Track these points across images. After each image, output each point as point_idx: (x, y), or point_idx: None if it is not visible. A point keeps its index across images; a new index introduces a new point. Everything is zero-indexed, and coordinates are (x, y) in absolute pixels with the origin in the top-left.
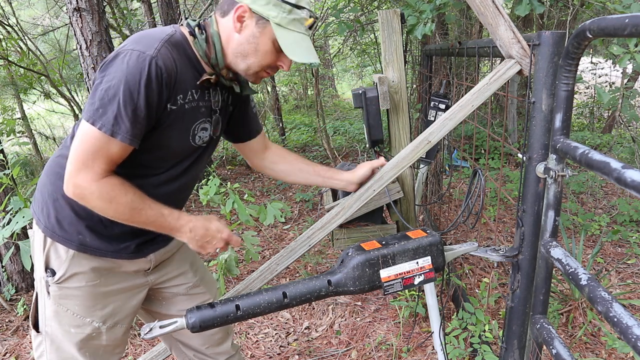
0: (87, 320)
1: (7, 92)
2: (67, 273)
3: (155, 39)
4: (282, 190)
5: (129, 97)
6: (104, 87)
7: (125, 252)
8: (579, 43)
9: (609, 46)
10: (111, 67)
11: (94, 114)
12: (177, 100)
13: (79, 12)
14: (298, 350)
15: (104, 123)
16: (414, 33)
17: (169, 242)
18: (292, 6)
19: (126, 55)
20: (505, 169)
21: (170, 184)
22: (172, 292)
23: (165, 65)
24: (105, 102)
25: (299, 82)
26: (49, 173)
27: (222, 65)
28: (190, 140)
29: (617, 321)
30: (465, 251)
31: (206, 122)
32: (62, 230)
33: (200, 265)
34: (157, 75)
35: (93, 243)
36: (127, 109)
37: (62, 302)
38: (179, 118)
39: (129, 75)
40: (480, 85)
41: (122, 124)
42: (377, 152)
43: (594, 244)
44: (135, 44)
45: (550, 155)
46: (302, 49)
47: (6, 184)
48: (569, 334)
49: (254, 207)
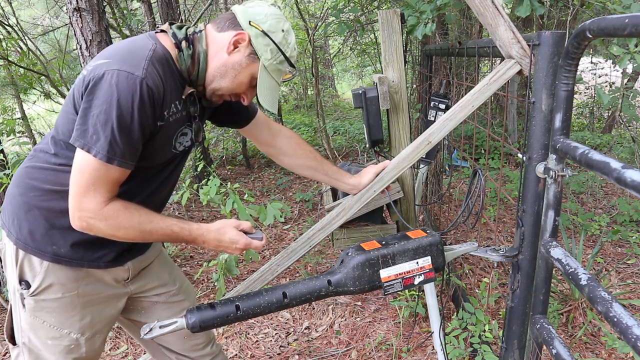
0: (64, 332)
1: (7, 92)
2: (42, 285)
3: (140, 57)
4: (282, 190)
5: (122, 122)
6: (94, 113)
7: (102, 261)
8: (579, 43)
9: (609, 46)
10: (99, 89)
11: (89, 140)
12: (164, 116)
13: (79, 12)
14: (298, 350)
15: (99, 150)
16: (414, 33)
17: (146, 250)
18: (285, 59)
19: (113, 76)
20: (505, 169)
21: (153, 187)
22: (152, 301)
23: (155, 85)
24: (98, 128)
25: (299, 82)
26: (18, 184)
27: (200, 82)
28: (171, 149)
29: (617, 321)
30: (465, 251)
31: (186, 127)
32: (35, 242)
33: (179, 273)
34: (149, 97)
35: (68, 253)
36: (121, 134)
37: (38, 315)
38: (164, 131)
39: (121, 100)
40: (480, 86)
41: (117, 149)
42: (377, 152)
43: (594, 244)
44: (121, 63)
45: (550, 155)
46: (271, 97)
47: (6, 184)
48: (569, 334)
49: (254, 207)
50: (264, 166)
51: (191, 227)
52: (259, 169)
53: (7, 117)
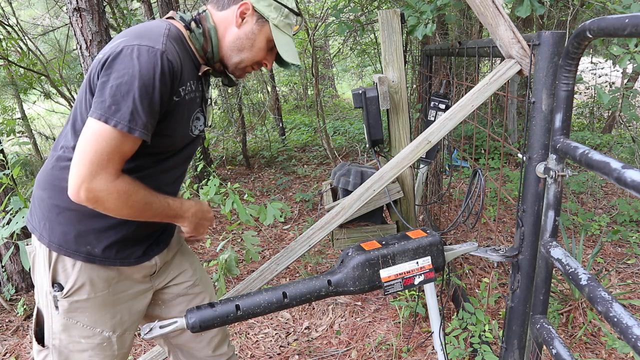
0: (97, 330)
1: (7, 92)
2: (75, 285)
3: (158, 34)
4: (282, 190)
5: (145, 92)
6: (114, 84)
7: (132, 258)
8: (579, 43)
9: (609, 46)
10: (117, 63)
11: (107, 111)
12: (180, 92)
13: (79, 12)
14: (298, 350)
15: (120, 120)
16: (415, 33)
17: (170, 241)
18: (289, 11)
19: (133, 50)
20: (505, 169)
21: (174, 170)
22: (173, 293)
23: (173, 58)
24: (119, 98)
25: (299, 82)
26: (44, 187)
27: (216, 58)
28: (189, 132)
29: (617, 321)
30: (465, 251)
31: (199, 112)
32: (68, 243)
33: (198, 265)
34: (169, 69)
35: (100, 253)
36: (143, 104)
37: (72, 315)
38: (181, 109)
39: (143, 70)
40: (480, 85)
41: (139, 120)
42: (377, 152)
43: (594, 244)
44: (139, 38)
45: (550, 155)
46: (292, 51)
47: (6, 184)
48: (569, 334)
49: (254, 207)
50: (264, 166)
51: (181, 200)
52: (259, 169)
53: (7, 117)
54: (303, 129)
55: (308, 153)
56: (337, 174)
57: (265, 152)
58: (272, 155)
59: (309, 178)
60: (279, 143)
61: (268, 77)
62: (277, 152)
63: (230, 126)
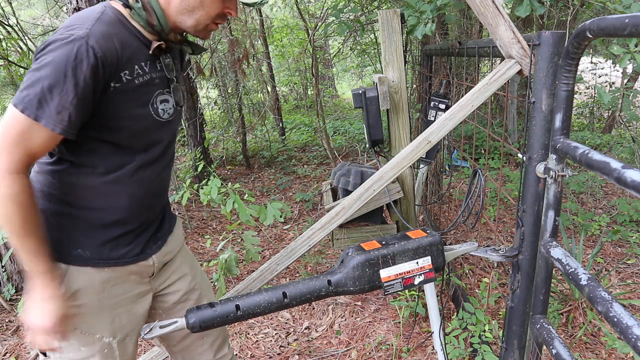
0: (96, 337)
1: (7, 92)
2: (69, 291)
3: (86, 19)
4: (282, 190)
5: (55, 80)
6: (29, 74)
7: (127, 257)
8: (579, 43)
9: (609, 46)
10: (41, 53)
11: (18, 97)
12: (122, 77)
13: (79, 12)
14: (298, 350)
15: (27, 106)
16: (414, 33)
17: (167, 239)
18: None
19: (56, 41)
20: (505, 169)
21: (155, 164)
22: (171, 302)
23: (99, 44)
24: (29, 85)
25: (299, 82)
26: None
27: (167, 29)
28: (153, 115)
29: (617, 321)
30: (465, 251)
31: (164, 93)
32: (57, 247)
33: (198, 269)
34: (93, 56)
35: (94, 255)
36: (52, 92)
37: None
38: (128, 94)
39: (57, 58)
40: (480, 85)
41: (46, 108)
42: (377, 152)
43: (594, 244)
44: (66, 28)
45: (550, 155)
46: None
47: None
48: (569, 334)
49: (254, 207)
50: (264, 166)
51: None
52: (259, 169)
53: None
54: (303, 129)
55: (308, 153)
56: (337, 174)
57: (265, 152)
58: (272, 155)
59: (309, 178)
60: (279, 143)
61: (268, 77)
62: (277, 152)
63: (230, 126)
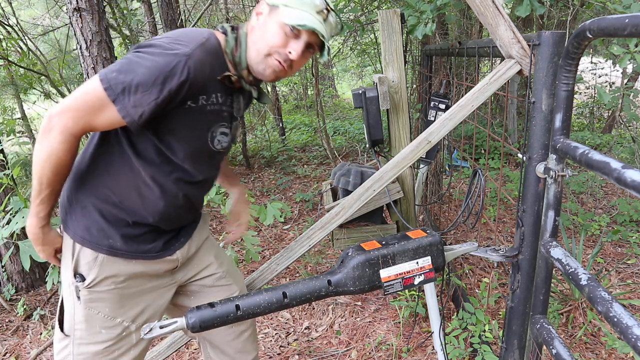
0: (117, 320)
1: (7, 92)
2: (97, 278)
3: (192, 40)
4: (282, 190)
5: (145, 80)
6: (130, 59)
7: (153, 252)
8: (579, 43)
9: (609, 46)
10: (144, 50)
11: (108, 74)
12: (199, 100)
13: (79, 12)
14: (298, 350)
15: (112, 86)
16: (414, 33)
17: (191, 235)
18: None
19: (161, 47)
20: (505, 169)
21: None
22: (200, 285)
23: (195, 67)
24: (122, 70)
25: (299, 82)
26: (73, 179)
27: (244, 64)
28: (209, 143)
29: (617, 321)
30: (465, 251)
31: (227, 127)
32: (91, 236)
33: (225, 258)
34: (186, 73)
35: (122, 246)
36: (137, 89)
37: (93, 306)
38: (196, 116)
39: (155, 64)
40: (480, 85)
41: (126, 97)
42: (377, 152)
43: (594, 244)
44: (172, 40)
45: (550, 155)
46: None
47: (6, 184)
48: (569, 334)
49: (254, 207)
50: (264, 166)
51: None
52: (259, 169)
53: (7, 117)
54: (303, 129)
55: (308, 153)
56: (337, 174)
57: (265, 152)
58: (272, 155)
59: (309, 178)
60: (279, 143)
61: None
62: (277, 152)
63: None
